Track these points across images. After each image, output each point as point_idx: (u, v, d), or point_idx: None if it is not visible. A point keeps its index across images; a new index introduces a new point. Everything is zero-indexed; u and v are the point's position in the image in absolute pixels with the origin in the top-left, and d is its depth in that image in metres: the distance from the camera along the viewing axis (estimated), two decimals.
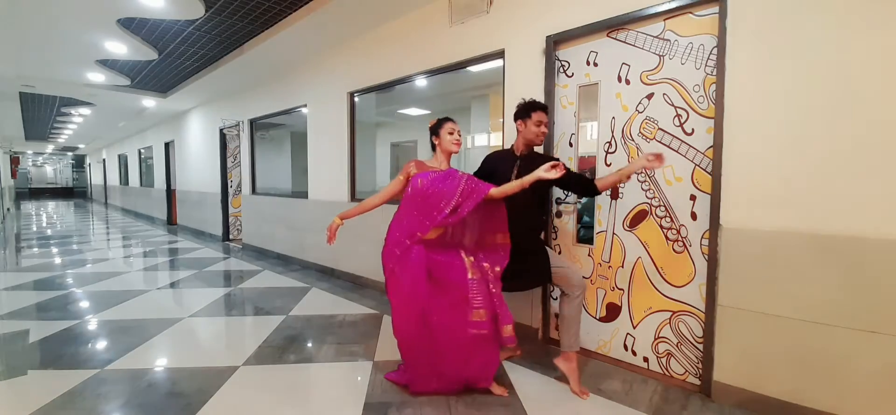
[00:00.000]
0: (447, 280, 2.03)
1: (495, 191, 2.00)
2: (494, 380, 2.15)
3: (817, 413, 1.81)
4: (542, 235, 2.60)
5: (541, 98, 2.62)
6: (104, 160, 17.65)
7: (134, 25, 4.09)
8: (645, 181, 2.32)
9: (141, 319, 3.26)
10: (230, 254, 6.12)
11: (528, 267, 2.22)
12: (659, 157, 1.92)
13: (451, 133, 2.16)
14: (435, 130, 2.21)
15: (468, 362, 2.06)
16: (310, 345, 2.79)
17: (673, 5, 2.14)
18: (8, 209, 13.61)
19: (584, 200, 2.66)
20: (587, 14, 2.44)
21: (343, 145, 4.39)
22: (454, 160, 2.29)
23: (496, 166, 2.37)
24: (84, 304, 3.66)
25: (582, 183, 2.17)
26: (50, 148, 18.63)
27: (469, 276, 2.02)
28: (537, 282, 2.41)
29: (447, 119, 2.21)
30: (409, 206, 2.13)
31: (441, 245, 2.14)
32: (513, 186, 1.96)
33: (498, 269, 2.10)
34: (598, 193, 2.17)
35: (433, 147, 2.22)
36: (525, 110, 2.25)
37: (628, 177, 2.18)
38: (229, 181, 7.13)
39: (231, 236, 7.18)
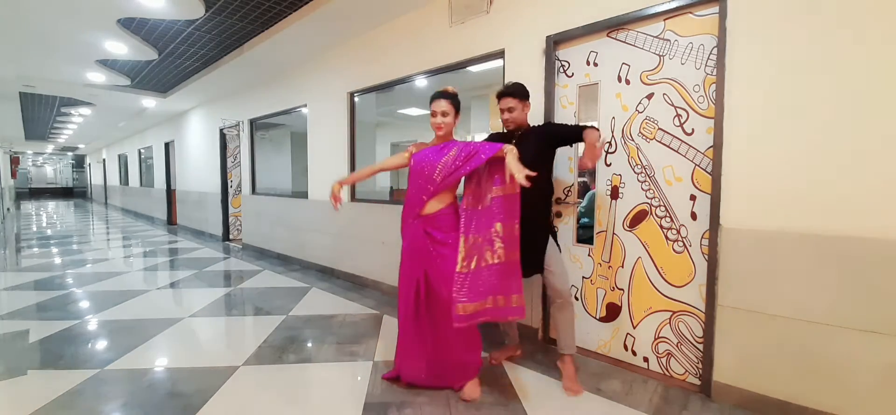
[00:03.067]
0: (440, 271, 2.04)
1: (510, 154, 1.85)
2: (479, 382, 2.13)
3: (817, 413, 1.81)
4: (546, 215, 2.37)
5: (541, 98, 2.63)
6: (104, 160, 17.65)
7: (134, 25, 4.09)
8: (645, 181, 2.32)
9: (141, 319, 3.26)
10: (230, 254, 6.12)
11: (529, 251, 2.15)
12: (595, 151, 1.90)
13: (432, 115, 2.11)
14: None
15: (451, 354, 2.10)
16: (310, 345, 2.79)
17: (673, 5, 2.14)
18: (8, 209, 13.60)
19: (584, 201, 2.66)
20: (587, 14, 2.44)
21: (343, 145, 4.39)
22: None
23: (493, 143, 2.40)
24: (84, 304, 3.66)
25: (573, 131, 2.14)
26: (50, 148, 18.63)
27: (457, 268, 1.99)
28: (533, 270, 2.27)
29: (434, 96, 2.12)
30: (409, 184, 2.19)
31: (444, 226, 2.09)
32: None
33: (515, 226, 1.98)
34: (580, 138, 2.10)
35: None
36: (497, 98, 2.34)
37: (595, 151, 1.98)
38: (229, 181, 7.13)
39: (231, 236, 7.18)
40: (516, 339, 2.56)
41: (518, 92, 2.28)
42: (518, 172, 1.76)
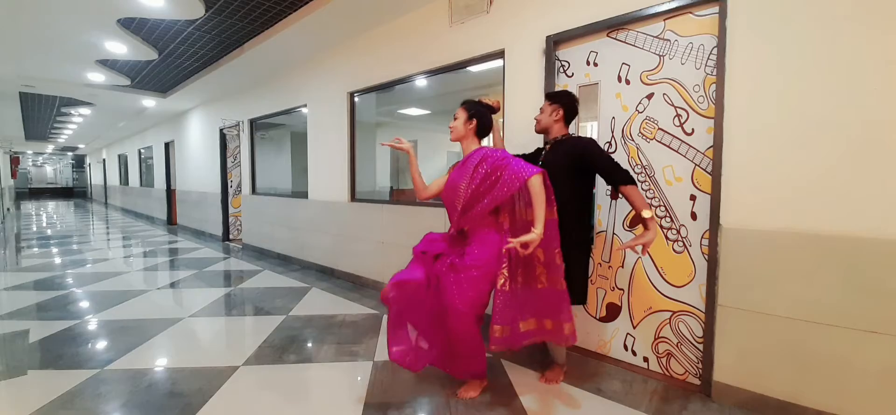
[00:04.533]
0: (451, 291, 1.93)
1: (536, 181, 1.76)
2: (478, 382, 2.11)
3: (817, 413, 1.81)
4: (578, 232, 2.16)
5: (540, 98, 2.62)
6: (104, 160, 17.66)
7: (134, 25, 4.09)
8: (645, 181, 2.32)
9: (141, 319, 3.26)
10: (230, 254, 6.12)
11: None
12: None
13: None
14: None
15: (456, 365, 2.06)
16: (310, 345, 2.79)
17: (673, 5, 2.14)
18: (8, 209, 13.60)
19: None
20: (587, 14, 2.44)
21: (343, 145, 4.39)
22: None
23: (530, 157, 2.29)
24: (84, 304, 3.66)
25: (619, 173, 1.95)
26: (50, 148, 18.62)
27: (499, 285, 1.88)
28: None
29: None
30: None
31: (476, 239, 2.00)
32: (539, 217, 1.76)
33: (556, 253, 1.90)
34: (617, 189, 1.96)
35: None
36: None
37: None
38: (229, 181, 7.13)
39: (231, 236, 7.18)
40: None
41: (549, 94, 2.24)
42: (518, 241, 1.72)
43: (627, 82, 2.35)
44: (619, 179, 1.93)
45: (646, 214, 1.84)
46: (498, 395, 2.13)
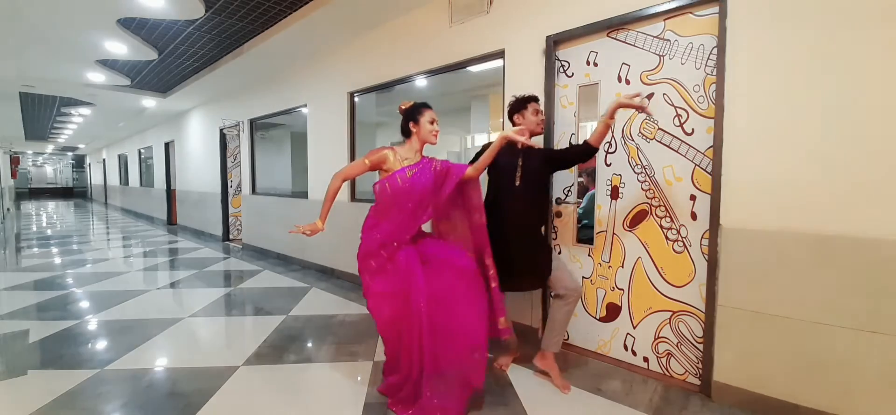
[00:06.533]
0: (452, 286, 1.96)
1: (470, 169, 2.05)
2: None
3: (817, 413, 1.81)
4: (543, 231, 2.50)
5: (541, 98, 2.61)
6: (104, 160, 17.65)
7: (134, 25, 4.09)
8: (645, 181, 2.32)
9: (141, 319, 3.27)
10: (230, 254, 6.12)
11: (528, 267, 2.21)
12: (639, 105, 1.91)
13: (431, 122, 2.06)
14: (413, 116, 2.07)
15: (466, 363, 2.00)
16: (310, 345, 2.79)
17: (673, 5, 2.14)
18: (8, 209, 13.60)
19: (584, 202, 2.66)
20: (587, 14, 2.44)
21: (343, 145, 4.39)
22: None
23: (499, 156, 2.37)
24: (84, 304, 3.66)
25: (576, 152, 2.14)
26: (50, 148, 18.62)
27: (494, 285, 2.09)
28: (537, 283, 2.37)
29: (426, 105, 2.10)
30: (391, 206, 2.02)
31: (439, 242, 2.18)
32: (488, 154, 2.01)
33: (488, 261, 2.08)
34: (596, 150, 2.06)
35: (406, 132, 2.10)
36: (520, 104, 2.32)
37: (611, 117, 1.97)
38: (229, 181, 7.13)
39: (231, 236, 7.18)
40: (516, 341, 2.55)
41: (533, 97, 2.35)
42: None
43: (627, 82, 2.35)
44: (591, 150, 2.07)
45: (604, 120, 1.99)
46: (498, 395, 2.13)
